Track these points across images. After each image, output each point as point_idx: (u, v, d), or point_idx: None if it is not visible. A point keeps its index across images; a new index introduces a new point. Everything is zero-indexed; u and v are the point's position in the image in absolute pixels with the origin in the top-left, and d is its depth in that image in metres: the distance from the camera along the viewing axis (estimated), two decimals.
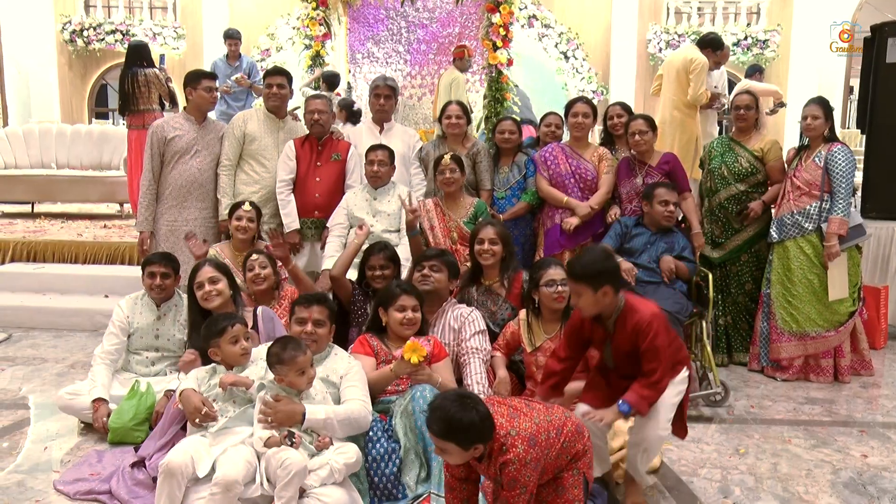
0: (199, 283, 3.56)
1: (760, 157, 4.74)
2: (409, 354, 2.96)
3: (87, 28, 11.67)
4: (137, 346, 3.86)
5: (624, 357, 2.88)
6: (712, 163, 4.87)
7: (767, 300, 4.68)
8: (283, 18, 11.15)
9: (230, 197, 4.73)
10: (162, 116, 6.99)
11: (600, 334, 2.96)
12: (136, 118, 6.99)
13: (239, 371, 3.02)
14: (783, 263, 4.60)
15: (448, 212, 4.54)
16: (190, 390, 2.97)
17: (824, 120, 4.51)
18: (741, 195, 4.77)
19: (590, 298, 2.79)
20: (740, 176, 4.76)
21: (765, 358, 4.68)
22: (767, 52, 11.64)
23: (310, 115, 4.79)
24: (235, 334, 3.03)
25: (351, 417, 2.86)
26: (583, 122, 4.78)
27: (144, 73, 6.93)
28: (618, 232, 4.42)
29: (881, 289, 5.21)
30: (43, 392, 4.18)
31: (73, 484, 3.04)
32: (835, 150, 4.45)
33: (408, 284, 3.47)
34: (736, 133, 4.88)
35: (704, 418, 3.93)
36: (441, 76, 8.07)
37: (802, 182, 4.54)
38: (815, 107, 4.55)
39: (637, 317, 2.82)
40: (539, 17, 11.00)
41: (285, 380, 2.82)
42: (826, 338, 4.52)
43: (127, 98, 6.95)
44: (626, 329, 2.84)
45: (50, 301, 5.64)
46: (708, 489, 3.14)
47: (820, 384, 4.49)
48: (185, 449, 2.72)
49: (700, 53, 6.18)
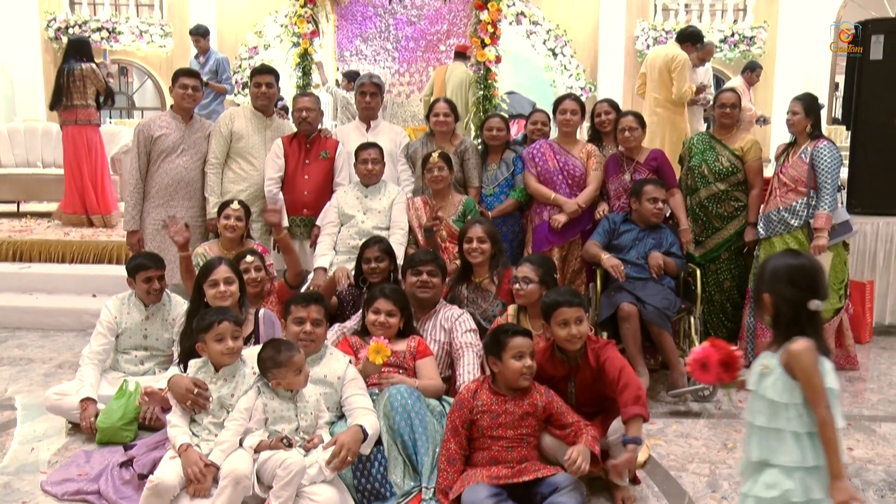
0: (214, 280, 3.43)
1: (741, 156, 4.74)
2: (373, 356, 3.03)
3: (72, 25, 11.55)
4: (126, 346, 3.85)
5: (588, 391, 2.97)
6: (692, 160, 4.84)
7: (754, 296, 4.70)
8: (271, 16, 11.10)
9: (218, 195, 4.71)
10: (97, 113, 7.01)
11: (563, 371, 3.05)
12: (68, 113, 6.92)
13: (229, 373, 2.97)
14: None
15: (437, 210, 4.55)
16: (178, 376, 2.96)
17: (804, 115, 4.50)
18: (721, 194, 4.75)
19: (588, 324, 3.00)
20: (721, 175, 4.74)
21: (751, 353, 4.70)
22: (754, 49, 11.68)
23: (298, 112, 4.78)
24: (221, 332, 2.93)
25: (375, 431, 2.90)
26: (571, 118, 4.79)
27: (80, 68, 6.82)
28: (606, 228, 4.44)
29: (866, 284, 5.25)
30: (30, 393, 4.16)
31: (60, 485, 3.02)
32: (820, 147, 4.46)
33: (391, 290, 3.45)
34: (717, 131, 4.85)
35: (693, 413, 3.96)
36: (437, 70, 7.96)
37: (789, 178, 4.55)
38: (796, 102, 4.56)
39: (598, 346, 3.02)
40: (527, 13, 11.00)
41: (283, 382, 2.79)
42: None
43: (60, 93, 6.85)
44: (591, 361, 2.96)
45: (37, 301, 5.60)
46: (697, 484, 3.16)
47: None
48: (178, 470, 2.71)
49: (680, 50, 6.21)
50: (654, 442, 3.55)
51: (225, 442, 2.77)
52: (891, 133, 5.34)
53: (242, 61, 11.08)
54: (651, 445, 3.47)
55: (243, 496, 2.65)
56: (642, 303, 3.96)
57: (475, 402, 2.91)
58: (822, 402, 2.03)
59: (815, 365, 2.03)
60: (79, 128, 6.93)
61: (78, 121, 6.91)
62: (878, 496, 3.06)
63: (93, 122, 7.00)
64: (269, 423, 2.80)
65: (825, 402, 2.03)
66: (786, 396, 2.08)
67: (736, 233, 4.79)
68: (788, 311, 2.10)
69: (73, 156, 7.00)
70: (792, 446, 2.07)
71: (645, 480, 3.17)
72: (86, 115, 6.92)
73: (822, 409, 2.03)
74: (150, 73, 12.37)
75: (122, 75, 13.48)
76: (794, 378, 2.06)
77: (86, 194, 7.10)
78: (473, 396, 2.93)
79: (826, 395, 2.04)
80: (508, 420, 2.89)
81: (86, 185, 7.07)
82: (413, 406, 2.97)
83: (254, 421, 2.79)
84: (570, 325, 2.97)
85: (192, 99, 4.78)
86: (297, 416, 2.82)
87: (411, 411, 2.95)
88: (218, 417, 2.90)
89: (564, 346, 3.02)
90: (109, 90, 7.07)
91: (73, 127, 6.93)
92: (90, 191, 7.10)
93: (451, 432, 2.90)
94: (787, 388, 2.08)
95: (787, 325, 2.10)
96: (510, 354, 2.87)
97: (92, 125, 7.01)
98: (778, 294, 2.12)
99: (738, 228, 4.78)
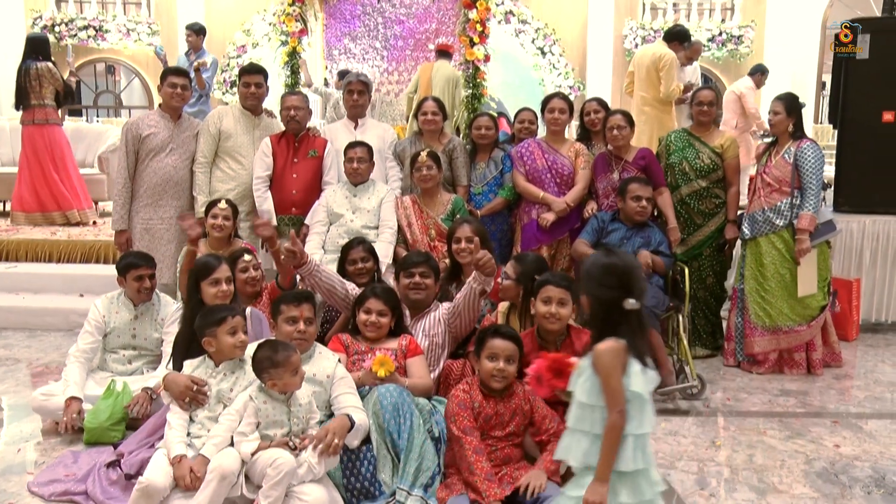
0: (216, 279, 3.42)
1: (720, 153, 4.76)
2: (378, 368, 3.04)
3: (58, 24, 11.47)
4: (114, 346, 3.84)
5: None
6: (671, 158, 4.85)
7: (741, 295, 4.72)
8: (259, 14, 11.07)
9: (206, 194, 4.69)
10: (56, 112, 6.95)
11: None
12: (27, 113, 6.88)
13: (229, 368, 2.98)
14: (756, 259, 4.63)
15: (426, 209, 4.55)
16: (174, 374, 2.96)
17: (785, 115, 4.53)
18: (703, 191, 4.77)
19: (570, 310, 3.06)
20: (702, 172, 4.76)
21: (740, 353, 4.72)
22: (742, 48, 11.75)
23: (286, 111, 4.77)
24: (235, 325, 2.98)
25: (364, 426, 2.91)
26: (559, 117, 4.80)
27: (36, 67, 6.75)
28: (594, 227, 4.45)
29: (853, 281, 5.28)
30: (16, 393, 4.13)
31: (47, 485, 3.00)
32: (804, 147, 4.48)
33: (383, 290, 3.46)
34: (696, 128, 4.86)
35: (681, 411, 3.97)
36: (423, 68, 7.89)
37: (773, 179, 4.57)
38: (777, 102, 4.58)
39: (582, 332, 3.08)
40: (516, 12, 11.01)
41: (279, 384, 2.77)
42: (798, 332, 4.57)
43: (20, 92, 6.80)
44: (573, 347, 3.03)
45: (23, 301, 5.56)
46: (685, 481, 3.17)
47: (794, 376, 4.55)
48: (168, 471, 2.70)
49: (667, 49, 6.22)
50: None
51: (217, 436, 2.77)
52: (877, 132, 5.38)
53: (231, 60, 11.04)
54: None
55: (227, 492, 2.64)
56: None
57: (472, 402, 2.94)
58: (616, 405, 1.98)
59: (616, 366, 1.98)
60: (37, 127, 6.88)
61: (35, 120, 6.86)
62: (864, 492, 3.08)
63: (50, 121, 6.93)
64: (261, 427, 2.77)
65: (620, 405, 1.98)
66: (593, 398, 2.04)
67: (717, 229, 4.81)
68: (601, 311, 2.06)
69: (32, 155, 6.93)
70: (590, 449, 2.03)
71: None
72: (43, 115, 6.86)
73: (614, 412, 1.98)
74: (137, 72, 12.30)
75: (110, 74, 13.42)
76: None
77: (44, 192, 7.01)
78: (470, 397, 2.95)
79: (622, 398, 1.98)
80: (498, 421, 2.93)
81: (47, 184, 7.00)
82: (402, 405, 2.96)
83: (245, 425, 2.76)
84: (553, 303, 3.11)
85: (180, 98, 4.75)
86: (289, 419, 2.80)
87: (400, 410, 2.95)
88: (214, 412, 2.89)
89: (543, 325, 3.11)
90: (68, 89, 7.01)
91: (31, 127, 6.88)
92: (50, 189, 7.02)
93: (464, 432, 2.87)
94: (594, 390, 2.04)
95: (600, 326, 2.05)
96: (485, 354, 2.94)
97: (50, 124, 6.93)
98: (591, 294, 2.09)
99: (718, 225, 4.81)
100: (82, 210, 7.20)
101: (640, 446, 2.04)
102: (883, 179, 5.42)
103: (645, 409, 2.03)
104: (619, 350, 2.00)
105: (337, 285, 3.69)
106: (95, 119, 12.73)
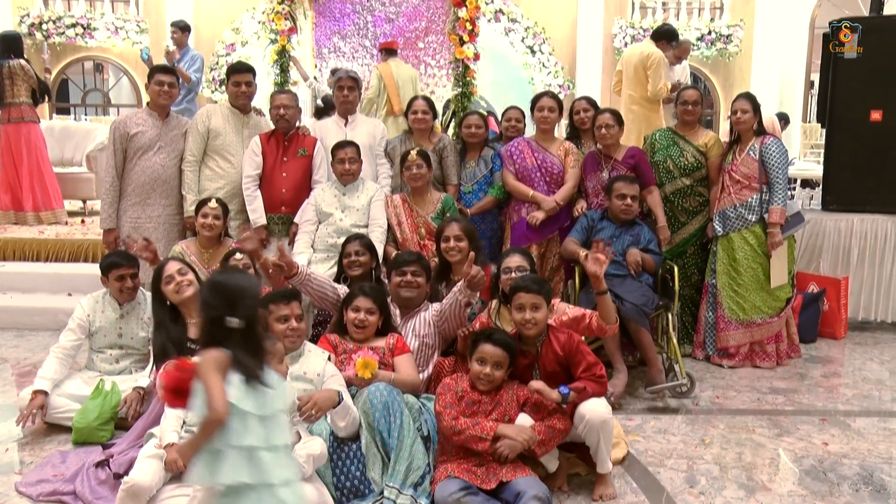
0: (168, 276, 3.50)
1: (705, 151, 4.83)
2: (362, 371, 3.08)
3: (46, 21, 11.39)
4: (101, 345, 3.82)
5: (552, 379, 3.03)
6: (655, 156, 4.89)
7: (713, 290, 4.77)
8: (248, 13, 11.02)
9: (195, 193, 4.67)
10: (32, 110, 6.90)
11: (527, 359, 3.13)
12: (2, 112, 6.84)
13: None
14: (728, 254, 4.70)
15: (415, 207, 4.54)
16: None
17: (753, 114, 4.65)
18: (687, 189, 4.83)
19: (545, 313, 3.11)
20: (686, 170, 4.82)
21: (711, 346, 4.77)
22: (731, 47, 11.78)
23: (276, 110, 4.75)
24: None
25: (353, 410, 2.93)
26: (549, 116, 4.80)
27: (9, 65, 6.73)
28: (584, 226, 4.46)
29: (841, 280, 5.31)
30: (4, 393, 4.10)
31: (35, 485, 2.99)
32: (768, 143, 4.61)
33: (371, 288, 3.46)
34: (680, 127, 4.92)
35: (671, 409, 3.98)
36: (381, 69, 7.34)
37: (741, 176, 4.66)
38: (744, 101, 4.68)
39: (559, 332, 3.14)
40: (505, 11, 11.00)
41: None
42: (770, 324, 4.68)
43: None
44: (555, 349, 3.08)
45: (11, 300, 5.53)
46: (675, 479, 3.18)
47: (783, 374, 4.57)
48: (156, 471, 2.68)
49: (655, 48, 6.24)
50: (633, 438, 3.57)
51: None
52: (866, 130, 5.42)
53: (219, 58, 10.99)
54: (629, 441, 3.50)
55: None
56: (620, 300, 3.98)
57: (457, 387, 3.02)
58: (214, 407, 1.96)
59: (212, 369, 1.98)
60: (13, 125, 6.84)
61: (11, 119, 6.82)
62: (852, 490, 3.10)
63: (26, 118, 6.89)
64: None
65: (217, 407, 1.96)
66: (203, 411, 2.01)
67: (701, 227, 4.87)
68: (206, 326, 2.09)
69: (7, 154, 6.89)
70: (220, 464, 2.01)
71: (623, 476, 3.19)
72: (18, 113, 6.82)
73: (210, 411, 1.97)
74: (125, 70, 12.22)
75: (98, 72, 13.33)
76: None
77: (21, 192, 6.97)
78: (456, 384, 3.04)
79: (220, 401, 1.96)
80: (482, 409, 2.99)
81: (23, 183, 6.95)
82: (392, 403, 2.96)
83: None
84: (526, 310, 3.08)
85: (167, 96, 4.72)
86: None
87: (390, 408, 2.95)
88: None
89: (521, 331, 3.14)
90: (44, 86, 6.97)
91: (7, 125, 6.84)
92: (26, 188, 6.97)
93: (445, 407, 2.95)
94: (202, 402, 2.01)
95: (206, 339, 2.07)
96: (476, 357, 3.01)
97: (26, 122, 6.90)
98: (199, 309, 2.15)
99: (702, 223, 4.87)
100: (53, 210, 7.17)
101: (247, 459, 2.02)
102: (871, 178, 5.47)
103: (247, 423, 2.03)
104: (220, 359, 2.02)
105: (328, 291, 3.71)
106: (84, 117, 12.64)
